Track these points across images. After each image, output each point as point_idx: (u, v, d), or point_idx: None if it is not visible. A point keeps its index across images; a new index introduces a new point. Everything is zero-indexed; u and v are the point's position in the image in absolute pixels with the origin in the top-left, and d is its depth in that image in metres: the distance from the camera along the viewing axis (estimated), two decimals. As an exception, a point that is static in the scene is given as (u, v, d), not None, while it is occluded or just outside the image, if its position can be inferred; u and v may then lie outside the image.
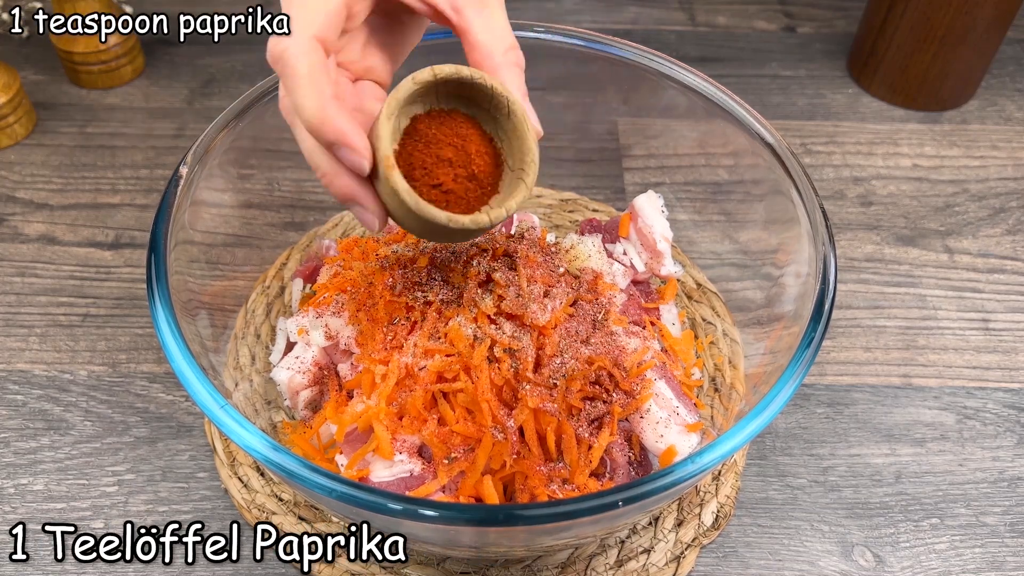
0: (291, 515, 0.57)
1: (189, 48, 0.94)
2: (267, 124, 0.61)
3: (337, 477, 0.41)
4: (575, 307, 0.54)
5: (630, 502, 0.40)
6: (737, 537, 0.58)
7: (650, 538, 0.57)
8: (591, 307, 0.55)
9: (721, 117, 0.61)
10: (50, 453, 0.61)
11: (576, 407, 0.51)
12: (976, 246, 0.77)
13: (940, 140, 0.87)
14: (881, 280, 0.74)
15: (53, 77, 0.90)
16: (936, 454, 0.63)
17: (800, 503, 0.60)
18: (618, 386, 0.52)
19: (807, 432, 0.64)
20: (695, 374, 0.62)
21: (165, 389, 0.65)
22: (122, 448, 0.61)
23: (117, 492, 0.59)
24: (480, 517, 0.40)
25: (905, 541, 0.58)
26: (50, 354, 0.67)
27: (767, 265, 0.61)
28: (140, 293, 0.71)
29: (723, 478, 0.60)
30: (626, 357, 0.53)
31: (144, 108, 0.88)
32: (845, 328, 0.70)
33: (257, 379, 0.60)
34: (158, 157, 0.82)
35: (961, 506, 0.60)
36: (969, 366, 0.68)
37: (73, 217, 0.77)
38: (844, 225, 0.79)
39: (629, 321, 0.58)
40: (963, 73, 0.87)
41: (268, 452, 0.42)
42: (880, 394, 0.66)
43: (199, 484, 0.60)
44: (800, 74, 0.94)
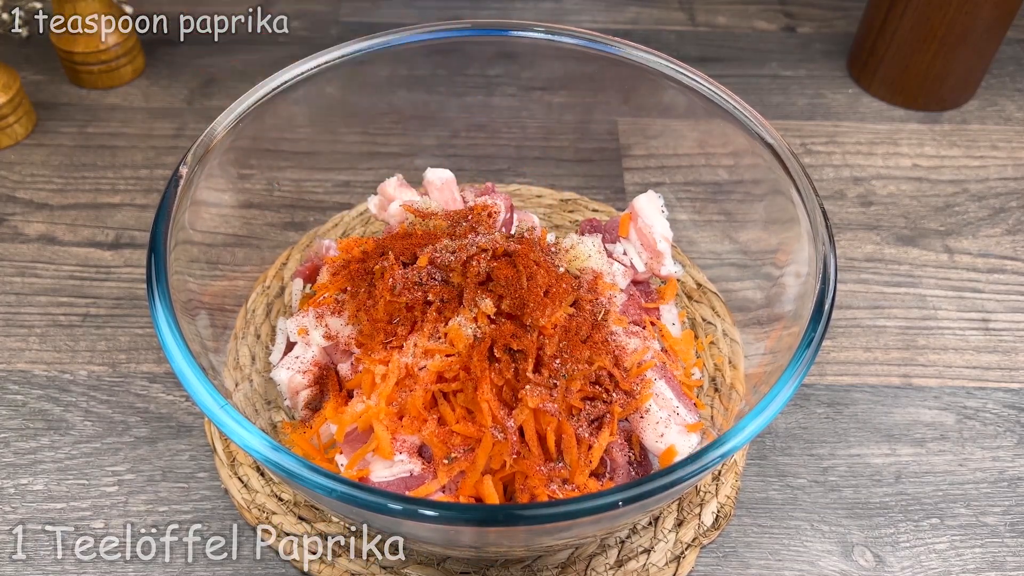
0: (291, 515, 0.57)
1: (189, 48, 0.94)
2: (267, 124, 0.61)
3: (337, 477, 0.41)
4: (575, 307, 0.54)
5: (630, 502, 0.40)
6: (737, 537, 0.58)
7: (650, 538, 0.57)
8: (591, 307, 0.55)
9: (721, 117, 0.61)
10: (50, 453, 0.61)
11: (576, 407, 0.50)
12: (976, 246, 0.77)
13: (940, 140, 0.87)
14: (881, 280, 0.74)
15: (53, 77, 0.90)
16: (936, 454, 0.63)
17: (800, 503, 0.60)
18: (618, 386, 0.52)
19: (807, 432, 0.64)
20: (695, 374, 0.62)
21: (165, 389, 0.65)
22: (122, 448, 0.61)
23: (117, 492, 0.59)
24: (480, 517, 0.40)
25: (905, 541, 0.58)
26: (50, 354, 0.67)
27: (767, 265, 0.61)
28: (140, 293, 0.71)
29: (723, 478, 0.60)
30: (626, 357, 0.53)
31: (144, 108, 0.88)
32: (845, 328, 0.70)
33: (257, 379, 0.60)
34: (158, 157, 0.82)
35: (961, 506, 0.60)
36: (969, 366, 0.68)
37: (73, 217, 0.77)
38: (844, 225, 0.79)
39: (629, 321, 0.58)
40: (963, 73, 0.87)
41: (268, 452, 0.42)
42: (880, 394, 0.66)
43: (199, 484, 0.60)
44: (800, 74, 0.94)
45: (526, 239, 0.56)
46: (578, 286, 0.55)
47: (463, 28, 0.62)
